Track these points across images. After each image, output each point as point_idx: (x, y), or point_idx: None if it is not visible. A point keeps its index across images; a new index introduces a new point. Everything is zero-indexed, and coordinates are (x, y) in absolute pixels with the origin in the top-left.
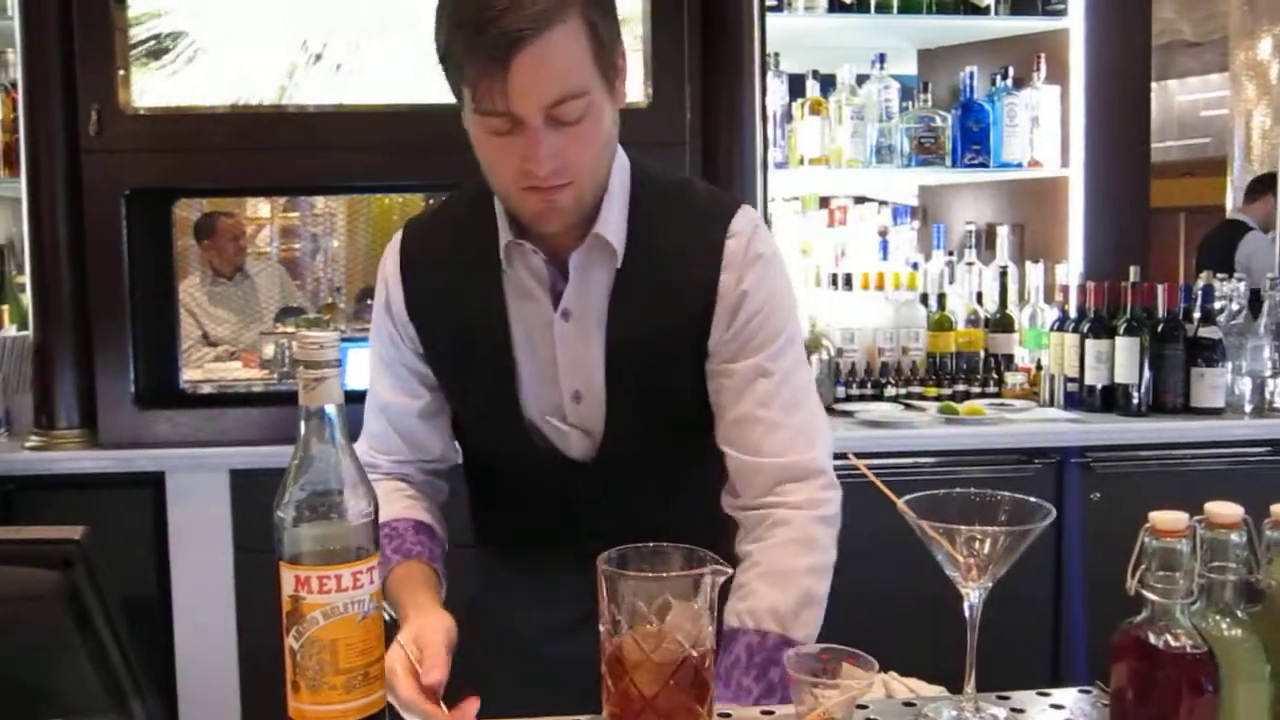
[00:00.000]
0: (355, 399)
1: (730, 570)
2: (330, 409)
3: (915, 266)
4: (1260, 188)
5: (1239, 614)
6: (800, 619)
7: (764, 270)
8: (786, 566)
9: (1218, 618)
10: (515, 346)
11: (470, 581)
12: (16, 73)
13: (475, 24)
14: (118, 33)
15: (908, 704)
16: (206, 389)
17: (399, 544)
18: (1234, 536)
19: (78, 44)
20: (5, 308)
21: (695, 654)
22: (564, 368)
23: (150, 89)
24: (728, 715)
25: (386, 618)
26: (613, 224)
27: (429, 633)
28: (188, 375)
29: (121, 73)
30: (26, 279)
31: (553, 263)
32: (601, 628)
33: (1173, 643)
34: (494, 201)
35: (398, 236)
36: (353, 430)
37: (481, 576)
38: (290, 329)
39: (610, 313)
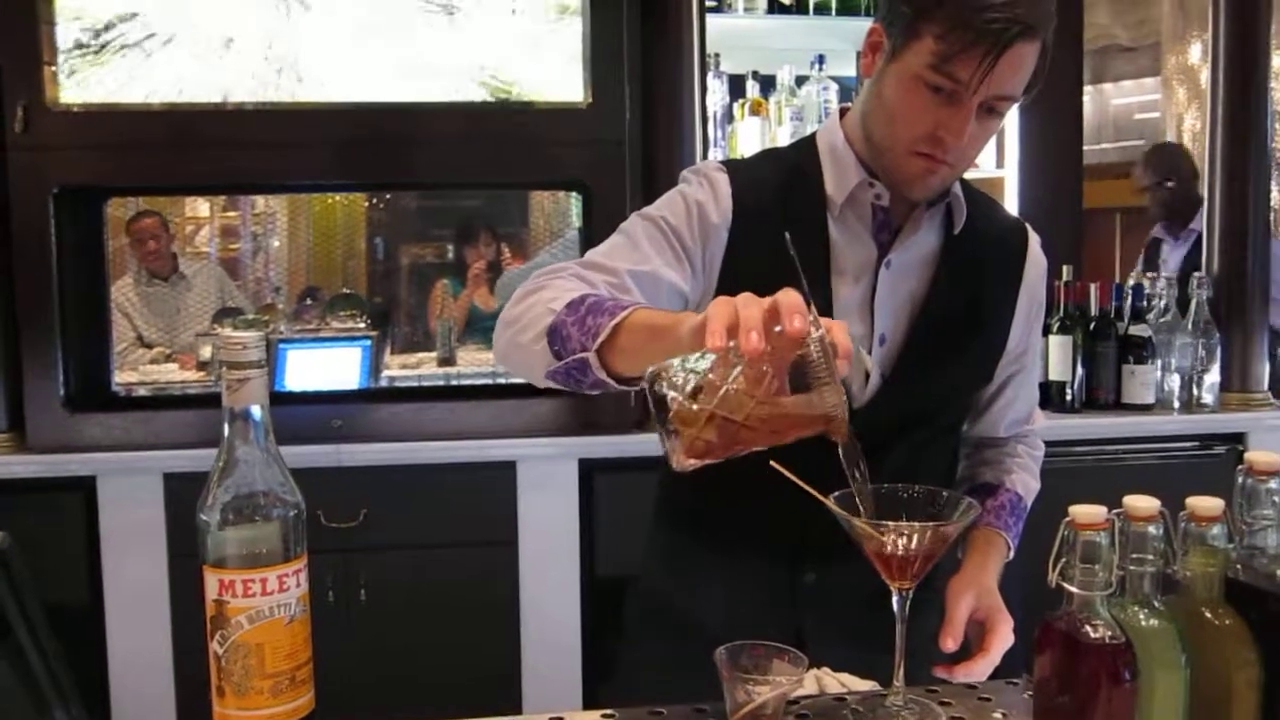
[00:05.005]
0: (287, 400)
1: None
2: (255, 410)
3: None
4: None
5: (1156, 604)
6: (1030, 503)
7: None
8: (1031, 473)
9: (1136, 608)
10: (833, 279)
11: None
12: None
13: (1001, 1)
14: (44, 26)
15: (838, 699)
16: (142, 391)
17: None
18: (1152, 529)
19: (2, 39)
20: None
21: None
22: (879, 310)
23: (81, 85)
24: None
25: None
26: (959, 195)
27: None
28: (122, 378)
29: (51, 68)
30: None
31: (884, 211)
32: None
33: (1093, 634)
34: (821, 152)
35: (713, 163)
36: (279, 431)
37: (664, 561)
38: (228, 330)
39: (936, 274)
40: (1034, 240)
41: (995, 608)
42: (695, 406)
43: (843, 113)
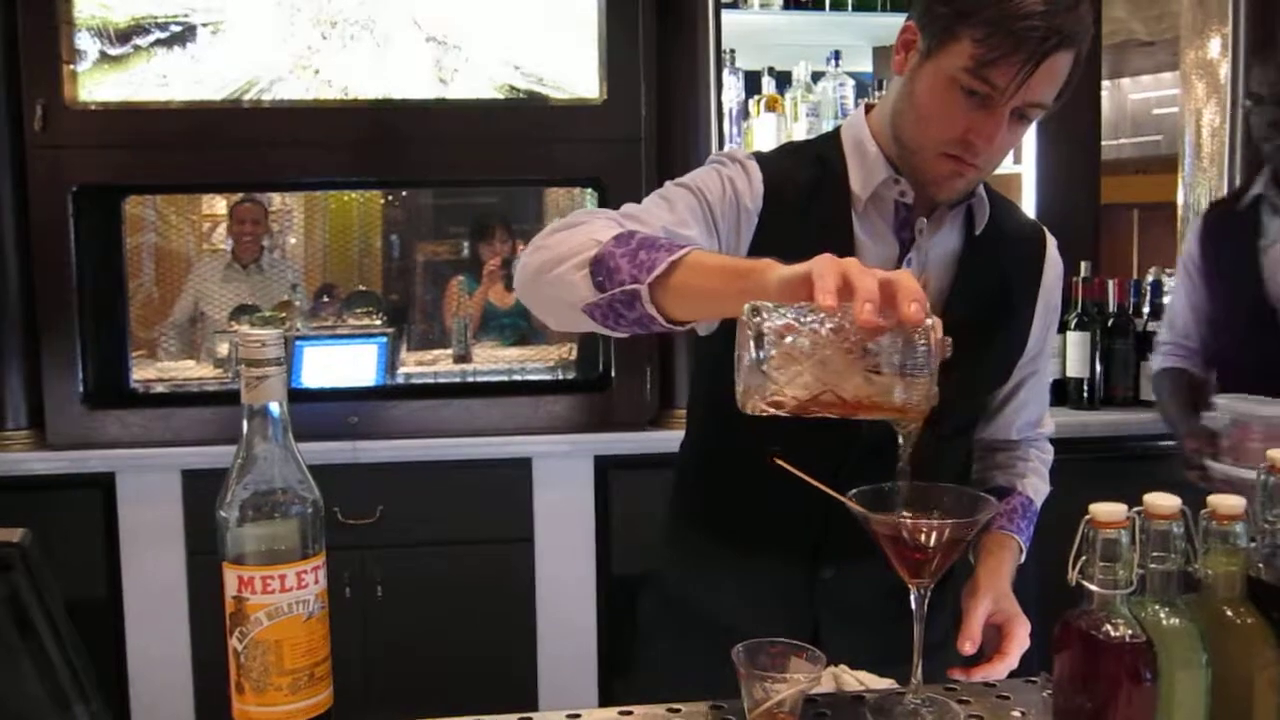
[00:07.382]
0: (304, 397)
1: None
2: (274, 407)
3: None
4: None
5: (1177, 603)
6: (1039, 506)
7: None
8: (1042, 477)
9: (1156, 607)
10: None
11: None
12: None
13: (1042, 10)
14: (64, 26)
15: (857, 697)
16: (160, 389)
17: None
18: (1172, 527)
19: (21, 38)
20: None
21: None
22: None
23: (99, 84)
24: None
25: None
26: (983, 196)
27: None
28: (140, 374)
29: (69, 67)
30: None
31: (907, 209)
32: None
33: (1113, 633)
34: (846, 147)
35: (743, 151)
36: (296, 428)
37: (680, 557)
38: (245, 327)
39: (957, 273)
40: (1051, 243)
41: (1013, 611)
42: (793, 356)
43: (868, 108)
